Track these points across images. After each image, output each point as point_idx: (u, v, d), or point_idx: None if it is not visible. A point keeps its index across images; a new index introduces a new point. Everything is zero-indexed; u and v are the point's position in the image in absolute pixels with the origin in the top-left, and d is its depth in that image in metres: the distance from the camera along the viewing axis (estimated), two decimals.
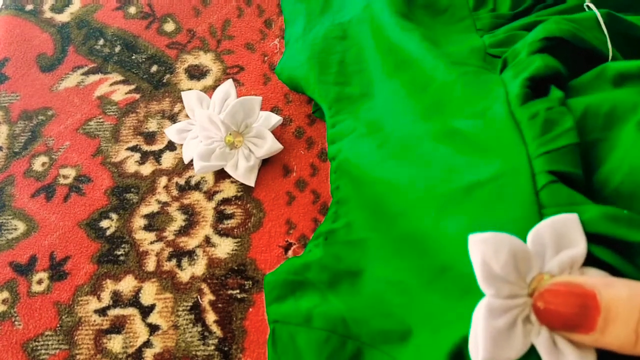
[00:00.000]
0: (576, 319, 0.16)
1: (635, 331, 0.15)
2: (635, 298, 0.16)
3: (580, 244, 0.18)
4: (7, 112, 0.37)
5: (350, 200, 0.28)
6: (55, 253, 0.31)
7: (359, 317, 0.24)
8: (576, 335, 0.16)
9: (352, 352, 0.24)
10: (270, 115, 0.34)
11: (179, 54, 0.38)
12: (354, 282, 0.26)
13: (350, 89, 0.32)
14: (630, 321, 0.15)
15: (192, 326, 0.29)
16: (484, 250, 0.18)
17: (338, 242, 0.27)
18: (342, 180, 0.28)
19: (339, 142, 0.30)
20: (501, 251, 0.18)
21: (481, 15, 0.32)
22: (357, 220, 0.27)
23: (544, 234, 0.18)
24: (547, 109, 0.22)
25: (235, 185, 0.33)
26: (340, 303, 0.25)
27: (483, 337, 0.17)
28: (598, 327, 0.16)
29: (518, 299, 0.18)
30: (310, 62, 0.33)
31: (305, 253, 0.28)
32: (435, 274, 0.23)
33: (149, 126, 0.36)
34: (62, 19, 0.41)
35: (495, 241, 0.18)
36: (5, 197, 0.33)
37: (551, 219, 0.18)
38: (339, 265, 0.26)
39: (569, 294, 0.17)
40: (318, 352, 0.24)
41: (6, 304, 0.30)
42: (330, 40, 0.34)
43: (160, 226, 0.32)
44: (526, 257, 0.18)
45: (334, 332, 0.24)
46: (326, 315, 0.25)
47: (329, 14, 0.37)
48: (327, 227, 0.28)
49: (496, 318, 0.17)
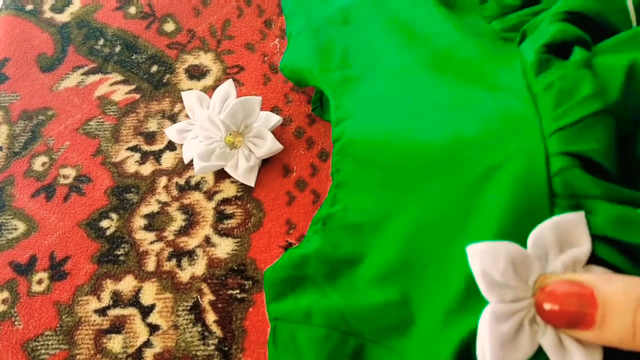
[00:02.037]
0: (576, 316, 0.16)
1: (633, 324, 0.15)
2: (630, 291, 0.16)
3: (584, 245, 0.18)
4: (7, 112, 0.37)
5: (350, 183, 0.27)
6: (55, 253, 0.31)
7: (358, 311, 0.24)
8: (578, 333, 0.17)
9: (353, 348, 0.24)
10: (270, 115, 0.34)
11: (179, 54, 0.39)
12: (353, 272, 0.25)
13: (355, 72, 0.30)
14: (627, 314, 0.16)
15: (192, 326, 0.29)
16: (483, 260, 0.18)
17: (337, 226, 0.26)
18: (344, 162, 0.27)
19: (342, 123, 0.29)
20: (499, 259, 0.18)
21: (488, 5, 0.30)
22: (356, 203, 0.26)
23: (545, 236, 0.18)
24: (561, 76, 0.19)
25: (235, 185, 0.33)
26: (339, 297, 0.25)
27: (490, 343, 0.17)
28: (597, 323, 0.16)
29: (522, 301, 0.18)
30: (314, 53, 0.32)
31: (304, 242, 0.27)
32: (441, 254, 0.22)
33: (149, 126, 0.36)
34: (62, 19, 0.41)
35: (492, 250, 0.18)
36: (5, 197, 0.33)
37: (554, 220, 0.18)
38: (337, 254, 0.26)
39: (569, 291, 0.17)
40: (318, 349, 0.24)
41: (6, 304, 0.30)
42: (332, 27, 0.33)
43: (160, 226, 0.32)
44: (525, 262, 0.18)
45: (335, 329, 0.24)
46: (326, 311, 0.24)
47: (330, 2, 0.36)
48: (325, 211, 0.27)
49: (502, 323, 0.17)
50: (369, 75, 0.30)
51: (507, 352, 0.17)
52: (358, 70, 0.30)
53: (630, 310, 0.16)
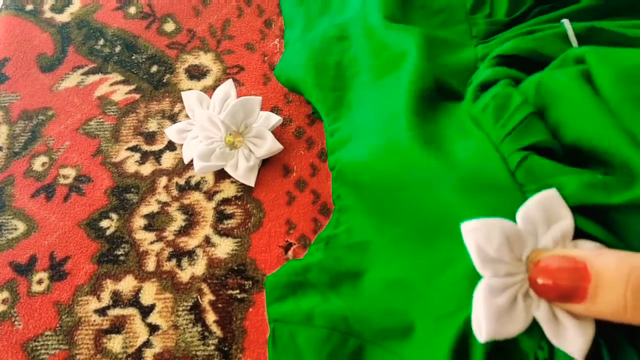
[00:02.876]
0: (569, 289, 0.17)
1: (624, 296, 0.16)
2: (623, 265, 0.16)
3: (567, 217, 0.19)
4: (7, 112, 0.37)
5: (352, 208, 0.28)
6: (55, 253, 0.31)
7: (360, 315, 0.24)
8: (571, 306, 0.17)
9: (353, 349, 0.24)
10: (270, 115, 0.34)
11: (179, 54, 0.38)
12: (355, 283, 0.26)
13: (347, 94, 0.32)
14: (619, 287, 0.16)
15: (192, 326, 0.29)
16: (477, 237, 0.19)
17: (339, 246, 0.27)
18: (343, 189, 0.28)
19: (337, 152, 0.30)
20: (493, 235, 0.18)
21: (478, 20, 0.32)
22: (359, 225, 0.27)
23: (532, 213, 0.19)
24: (493, 97, 0.23)
25: (235, 185, 0.33)
26: (341, 302, 0.25)
27: (485, 315, 0.18)
28: (589, 296, 0.17)
29: (516, 276, 0.18)
30: (308, 65, 0.33)
31: (306, 256, 0.28)
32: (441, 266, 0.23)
33: (149, 126, 0.36)
34: (62, 19, 0.41)
35: (486, 226, 0.19)
36: (5, 197, 0.33)
37: (536, 197, 0.19)
38: (339, 267, 0.26)
39: (562, 265, 0.17)
40: (318, 350, 0.24)
41: (6, 304, 0.30)
42: (328, 41, 0.34)
43: (160, 226, 0.32)
44: (518, 237, 0.19)
45: (335, 330, 0.24)
46: (327, 313, 0.25)
47: (329, 14, 0.36)
48: (328, 232, 0.28)
49: (496, 296, 0.18)
50: (360, 104, 0.31)
51: (502, 325, 0.18)
52: (352, 97, 0.32)
53: (622, 283, 0.16)
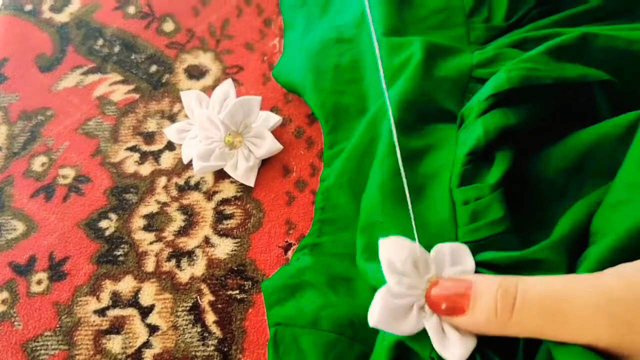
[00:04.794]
0: (455, 303, 0.20)
1: (495, 300, 0.19)
2: (500, 278, 0.20)
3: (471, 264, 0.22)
4: (6, 113, 0.37)
5: (337, 222, 0.29)
6: (54, 253, 0.31)
7: (363, 320, 0.24)
8: (456, 319, 0.20)
9: (358, 355, 0.24)
10: (270, 115, 0.34)
11: (178, 53, 0.38)
12: (349, 287, 0.26)
13: (346, 100, 0.32)
14: (492, 291, 0.19)
15: (192, 327, 0.29)
16: (389, 250, 0.21)
17: (325, 253, 0.28)
18: (328, 203, 0.29)
19: (333, 164, 0.30)
20: (402, 252, 0.21)
21: (476, 25, 0.32)
22: (343, 239, 0.28)
23: (444, 250, 0.22)
24: (477, 198, 0.24)
25: (235, 186, 0.33)
26: (343, 304, 0.25)
27: (379, 307, 0.20)
28: (470, 307, 0.19)
29: (416, 290, 0.21)
30: (306, 66, 0.33)
31: (292, 262, 0.28)
32: None
33: (148, 126, 0.36)
34: (61, 19, 0.41)
35: (398, 244, 0.21)
36: (5, 197, 0.33)
37: (449, 244, 0.22)
38: (331, 271, 0.27)
39: (452, 284, 0.20)
40: (324, 354, 0.24)
41: (6, 304, 0.30)
42: (327, 43, 0.34)
43: (160, 226, 0.32)
44: (425, 260, 0.21)
45: (342, 335, 0.24)
46: (334, 317, 0.25)
47: (328, 16, 0.36)
48: (311, 240, 0.28)
49: (394, 299, 0.20)
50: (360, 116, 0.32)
51: (391, 319, 0.20)
52: (351, 103, 0.33)
53: (495, 287, 0.19)
